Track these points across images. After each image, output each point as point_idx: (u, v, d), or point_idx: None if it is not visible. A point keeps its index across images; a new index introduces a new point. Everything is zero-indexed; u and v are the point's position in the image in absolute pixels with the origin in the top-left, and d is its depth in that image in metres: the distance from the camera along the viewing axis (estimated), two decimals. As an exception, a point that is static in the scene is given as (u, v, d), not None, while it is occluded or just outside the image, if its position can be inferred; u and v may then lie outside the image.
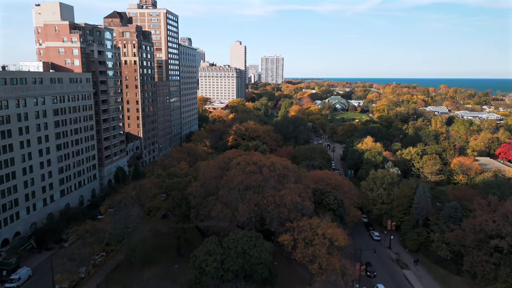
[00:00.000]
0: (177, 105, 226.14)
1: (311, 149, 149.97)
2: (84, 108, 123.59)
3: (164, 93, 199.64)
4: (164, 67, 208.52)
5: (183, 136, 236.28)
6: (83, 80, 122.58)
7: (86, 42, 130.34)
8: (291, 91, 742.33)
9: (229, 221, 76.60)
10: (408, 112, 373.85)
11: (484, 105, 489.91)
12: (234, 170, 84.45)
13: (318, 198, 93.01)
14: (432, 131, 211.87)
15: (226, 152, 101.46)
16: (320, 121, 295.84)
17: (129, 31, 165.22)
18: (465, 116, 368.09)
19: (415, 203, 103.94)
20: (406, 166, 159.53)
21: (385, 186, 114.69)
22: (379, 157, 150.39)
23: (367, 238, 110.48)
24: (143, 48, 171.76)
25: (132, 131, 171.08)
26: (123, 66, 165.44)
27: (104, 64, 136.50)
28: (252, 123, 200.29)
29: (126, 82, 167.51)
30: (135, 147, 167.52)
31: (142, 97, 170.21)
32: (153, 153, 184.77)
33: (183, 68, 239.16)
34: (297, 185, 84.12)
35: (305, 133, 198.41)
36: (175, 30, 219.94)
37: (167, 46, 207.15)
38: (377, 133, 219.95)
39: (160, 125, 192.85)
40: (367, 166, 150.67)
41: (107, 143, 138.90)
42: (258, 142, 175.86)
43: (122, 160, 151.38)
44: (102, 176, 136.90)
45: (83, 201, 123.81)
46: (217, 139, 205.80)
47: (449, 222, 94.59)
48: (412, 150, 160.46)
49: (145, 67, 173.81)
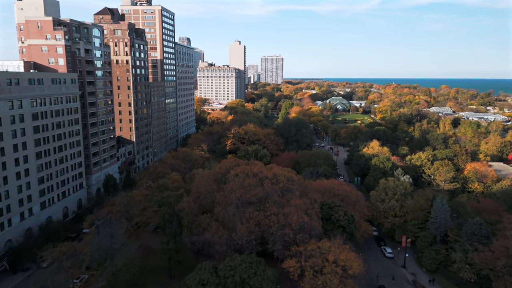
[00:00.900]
0: (173, 107, 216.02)
1: (315, 154, 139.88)
2: (69, 112, 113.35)
3: (159, 94, 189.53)
4: (159, 67, 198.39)
5: (180, 139, 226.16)
6: (68, 80, 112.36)
7: (72, 40, 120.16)
8: (291, 91, 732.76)
9: (226, 244, 66.45)
10: (411, 114, 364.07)
11: (488, 106, 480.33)
12: (232, 183, 74.47)
13: (326, 214, 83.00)
14: (441, 134, 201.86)
15: (223, 161, 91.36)
16: (322, 123, 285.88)
17: (120, 28, 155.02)
18: (471, 117, 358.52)
19: (432, 217, 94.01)
20: (416, 173, 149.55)
21: (398, 197, 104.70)
22: (387, 163, 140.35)
23: (378, 254, 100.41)
24: (136, 46, 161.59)
25: (124, 135, 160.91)
26: (114, 66, 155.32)
27: (92, 64, 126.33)
28: (251, 126, 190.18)
29: (117, 83, 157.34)
30: (127, 152, 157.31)
31: (134, 99, 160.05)
32: (147, 158, 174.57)
33: (180, 68, 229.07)
34: (303, 200, 74.11)
35: (308, 137, 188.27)
36: (171, 28, 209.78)
37: (162, 45, 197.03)
38: (383, 136, 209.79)
39: (154, 128, 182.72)
40: (375, 173, 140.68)
41: (95, 148, 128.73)
42: (258, 146, 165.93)
43: (113, 167, 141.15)
44: (90, 185, 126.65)
45: (67, 213, 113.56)
46: (215, 142, 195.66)
47: (472, 240, 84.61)
48: (422, 156, 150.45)
49: (139, 67, 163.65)
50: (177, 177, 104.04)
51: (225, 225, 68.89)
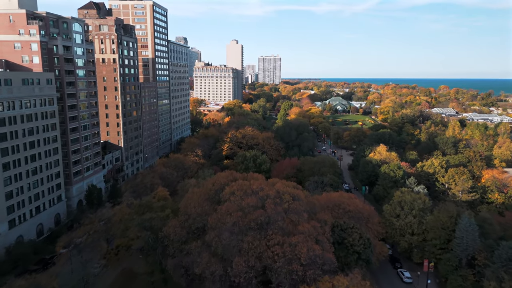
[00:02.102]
0: (166, 109, 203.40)
1: (320, 162, 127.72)
2: (44, 116, 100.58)
3: (150, 96, 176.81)
4: (150, 66, 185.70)
5: (174, 143, 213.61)
6: (42, 81, 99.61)
7: (49, 36, 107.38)
8: (289, 91, 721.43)
9: (220, 281, 54.09)
10: (414, 115, 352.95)
11: (491, 106, 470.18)
12: (227, 204, 62.15)
13: (338, 237, 70.84)
14: (450, 138, 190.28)
15: (217, 175, 78.88)
16: (322, 125, 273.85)
17: (107, 24, 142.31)
18: (475, 118, 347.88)
19: (458, 237, 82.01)
20: (429, 181, 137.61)
21: (415, 212, 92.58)
22: (398, 171, 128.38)
23: (395, 278, 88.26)
24: (124, 44, 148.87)
25: (111, 139, 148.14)
26: (100, 65, 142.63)
27: (72, 62, 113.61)
28: (250, 129, 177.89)
29: (104, 83, 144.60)
30: (115, 159, 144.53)
31: (123, 101, 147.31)
32: (136, 164, 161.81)
33: (174, 67, 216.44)
34: (313, 224, 61.87)
35: (310, 141, 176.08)
36: (164, 25, 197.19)
37: (154, 42, 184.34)
38: (388, 140, 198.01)
39: (145, 131, 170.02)
40: (384, 182, 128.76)
41: (76, 156, 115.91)
42: (257, 151, 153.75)
43: (97, 175, 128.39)
44: (70, 197, 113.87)
45: (42, 230, 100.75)
46: (211, 147, 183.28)
47: (508, 266, 72.73)
48: (435, 162, 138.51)
49: (127, 66, 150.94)
50: (163, 193, 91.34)
51: (218, 256, 56.67)
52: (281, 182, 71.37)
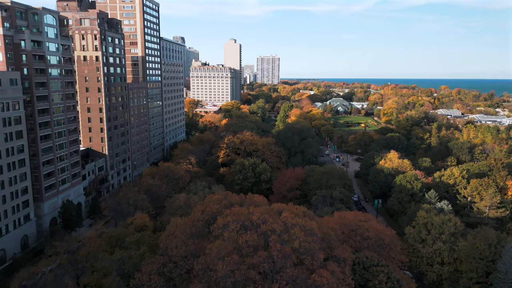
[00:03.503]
0: (158, 111, 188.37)
1: (327, 172, 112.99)
2: (7, 123, 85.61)
3: (140, 97, 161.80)
4: (140, 65, 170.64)
5: (167, 148, 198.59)
6: (5, 81, 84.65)
7: (15, 28, 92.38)
8: (289, 92, 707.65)
9: None
10: (419, 116, 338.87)
11: (497, 107, 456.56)
12: (219, 242, 47.39)
13: (360, 278, 56.26)
14: (465, 143, 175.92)
15: (207, 199, 63.72)
16: (325, 128, 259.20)
17: (88, 17, 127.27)
18: (483, 120, 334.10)
19: (500, 271, 67.65)
20: (448, 193, 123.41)
21: (446, 237, 78.08)
22: (416, 183, 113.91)
23: (422, 317, 73.86)
24: (109, 40, 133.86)
25: (94, 146, 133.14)
26: (82, 64, 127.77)
27: (43, 60, 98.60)
28: (248, 134, 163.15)
29: (86, 84, 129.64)
30: (98, 168, 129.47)
31: (107, 103, 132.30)
32: (124, 173, 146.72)
33: (167, 66, 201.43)
34: (332, 268, 47.19)
35: (314, 147, 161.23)
36: (155, 20, 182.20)
37: (144, 39, 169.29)
38: (398, 145, 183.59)
39: (134, 137, 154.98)
40: (400, 195, 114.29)
41: (49, 168, 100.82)
42: (256, 159, 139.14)
43: (76, 188, 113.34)
44: (41, 215, 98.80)
45: (5, 257, 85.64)
46: (206, 152, 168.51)
47: None
48: (455, 172, 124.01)
49: (112, 65, 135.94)
50: (142, 220, 75.80)
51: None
52: (289, 210, 56.55)
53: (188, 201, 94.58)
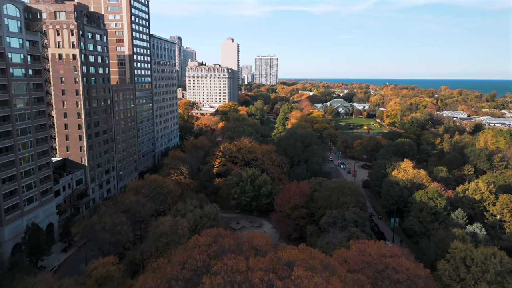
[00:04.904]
0: (148, 115, 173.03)
1: (338, 188, 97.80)
2: (-49, 134, 70.15)
3: (126, 100, 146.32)
4: (127, 64, 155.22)
5: (158, 154, 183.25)
6: None
7: (-34, 20, 76.96)
8: (287, 93, 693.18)
9: None
10: (424, 119, 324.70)
11: (502, 108, 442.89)
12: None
13: None
14: (483, 150, 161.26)
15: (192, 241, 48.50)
16: (328, 132, 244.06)
17: (64, 10, 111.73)
18: (491, 123, 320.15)
19: None
20: (473, 209, 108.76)
21: (491, 277, 63.16)
22: (440, 200, 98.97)
23: None
24: (89, 36, 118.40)
25: (72, 156, 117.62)
26: (57, 63, 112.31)
27: (3, 58, 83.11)
28: (246, 141, 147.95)
29: (62, 85, 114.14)
30: (75, 181, 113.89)
31: (86, 108, 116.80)
32: (107, 185, 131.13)
33: (158, 66, 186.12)
34: None
35: (319, 155, 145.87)
36: (144, 16, 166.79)
37: (131, 36, 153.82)
38: (408, 151, 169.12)
39: (119, 144, 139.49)
40: (421, 214, 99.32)
41: (10, 186, 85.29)
42: (255, 170, 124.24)
43: (47, 207, 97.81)
44: (1, 242, 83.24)
45: None
46: (200, 160, 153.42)
47: None
48: (482, 186, 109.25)
49: (93, 64, 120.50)
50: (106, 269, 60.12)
51: None
52: (302, 259, 41.27)
53: (174, 226, 79.53)
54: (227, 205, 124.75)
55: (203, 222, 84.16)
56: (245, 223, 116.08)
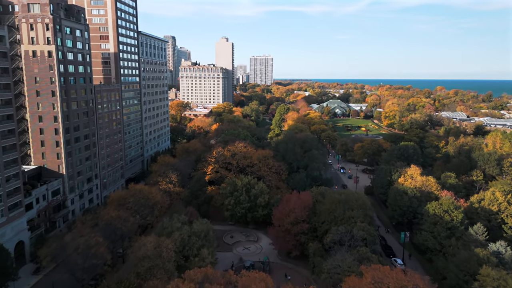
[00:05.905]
0: (137, 117, 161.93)
1: (344, 201, 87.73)
2: None
3: (111, 101, 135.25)
4: (113, 63, 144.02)
5: (147, 159, 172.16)
6: None
7: None
8: (283, 93, 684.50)
9: None
10: (423, 120, 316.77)
11: (501, 109, 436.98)
12: None
13: None
14: (493, 154, 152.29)
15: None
16: (326, 134, 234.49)
17: (38, 3, 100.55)
18: (492, 124, 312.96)
19: None
20: (490, 221, 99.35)
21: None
22: (456, 213, 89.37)
23: None
24: (67, 32, 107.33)
25: (48, 164, 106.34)
26: (30, 60, 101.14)
27: (-41, 54, 72.04)
28: (241, 146, 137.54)
29: (36, 86, 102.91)
30: (51, 192, 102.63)
31: (64, 110, 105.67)
32: (89, 195, 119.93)
33: (147, 65, 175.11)
34: None
35: (320, 160, 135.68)
36: (131, 11, 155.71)
37: (117, 33, 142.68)
38: (413, 155, 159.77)
39: (103, 149, 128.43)
40: (436, 228, 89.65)
41: (-30, 201, 74.11)
42: (251, 178, 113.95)
43: (16, 223, 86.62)
44: (-42, 267, 72.00)
45: None
46: (192, 166, 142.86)
47: None
48: (499, 196, 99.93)
49: (72, 63, 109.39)
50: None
51: None
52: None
53: (158, 248, 69.17)
54: (220, 216, 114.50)
55: (192, 242, 73.83)
56: (240, 237, 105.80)
